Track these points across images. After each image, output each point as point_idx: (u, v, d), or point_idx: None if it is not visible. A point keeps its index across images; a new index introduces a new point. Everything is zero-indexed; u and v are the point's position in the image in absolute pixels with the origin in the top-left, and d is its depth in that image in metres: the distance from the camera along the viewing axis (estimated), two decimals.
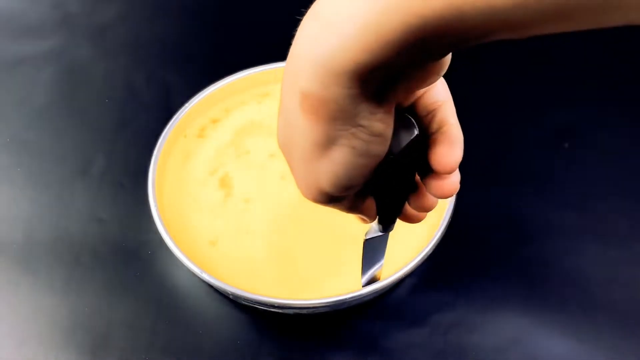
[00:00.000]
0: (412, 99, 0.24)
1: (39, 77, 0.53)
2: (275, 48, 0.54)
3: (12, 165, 0.47)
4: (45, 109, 0.51)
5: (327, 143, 0.21)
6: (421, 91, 0.24)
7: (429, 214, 0.40)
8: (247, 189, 0.41)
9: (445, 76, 0.22)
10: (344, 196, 0.24)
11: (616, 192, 0.46)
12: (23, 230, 0.44)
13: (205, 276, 0.36)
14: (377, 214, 0.27)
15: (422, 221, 0.40)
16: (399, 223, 0.28)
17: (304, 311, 0.39)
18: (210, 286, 0.40)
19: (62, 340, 0.39)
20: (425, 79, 0.21)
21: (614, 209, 0.45)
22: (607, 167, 0.47)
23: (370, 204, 0.26)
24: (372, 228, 0.29)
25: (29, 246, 0.43)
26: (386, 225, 0.29)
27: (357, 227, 0.40)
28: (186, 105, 0.43)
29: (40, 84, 0.52)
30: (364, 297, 0.36)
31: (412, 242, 0.39)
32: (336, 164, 0.21)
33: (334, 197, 0.23)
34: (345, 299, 0.35)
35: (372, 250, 0.31)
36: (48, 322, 0.40)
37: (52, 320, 0.40)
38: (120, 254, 0.43)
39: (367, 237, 0.30)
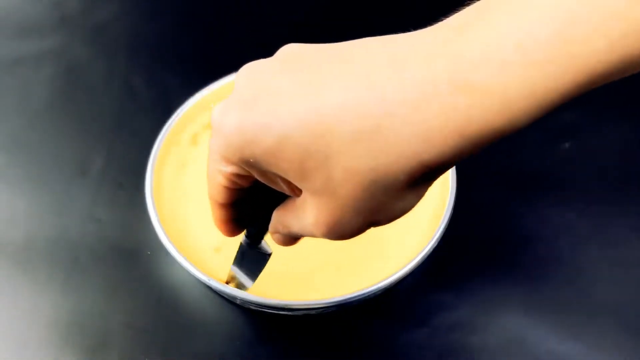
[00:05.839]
0: None
1: (38, 77, 0.52)
2: (267, 49, 0.54)
3: (10, 165, 0.47)
4: (44, 109, 0.50)
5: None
6: None
7: (429, 212, 0.40)
8: None
9: None
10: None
11: (616, 192, 0.46)
12: (22, 231, 0.44)
13: (214, 283, 0.36)
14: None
15: (421, 220, 0.40)
16: (400, 221, 0.28)
17: (313, 312, 0.39)
18: (210, 287, 0.39)
19: (62, 340, 0.39)
20: None
21: (614, 209, 0.45)
22: (607, 167, 0.47)
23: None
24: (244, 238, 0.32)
25: (28, 246, 0.43)
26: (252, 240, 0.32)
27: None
28: (177, 112, 0.43)
29: (39, 84, 0.52)
30: (373, 293, 0.36)
31: (413, 242, 0.39)
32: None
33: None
34: (354, 297, 0.35)
35: (246, 260, 0.33)
36: (47, 322, 0.40)
37: (52, 321, 0.40)
38: (119, 254, 0.43)
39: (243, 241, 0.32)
